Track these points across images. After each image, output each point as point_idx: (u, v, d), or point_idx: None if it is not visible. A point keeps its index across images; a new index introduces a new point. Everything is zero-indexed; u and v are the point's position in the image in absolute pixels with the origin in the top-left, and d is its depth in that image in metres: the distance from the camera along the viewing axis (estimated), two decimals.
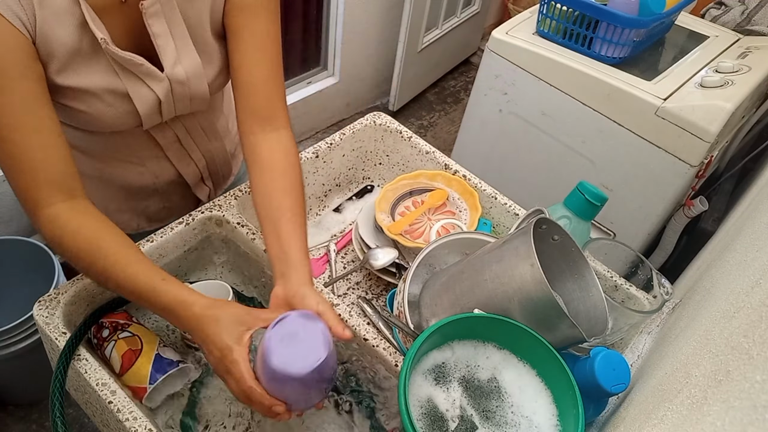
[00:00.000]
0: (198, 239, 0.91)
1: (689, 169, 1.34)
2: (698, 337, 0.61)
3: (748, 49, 1.47)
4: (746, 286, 0.59)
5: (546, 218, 0.74)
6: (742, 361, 0.43)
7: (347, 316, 0.80)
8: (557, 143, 1.56)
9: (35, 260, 1.45)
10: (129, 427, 0.66)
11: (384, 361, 0.77)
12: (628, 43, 1.38)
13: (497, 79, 1.60)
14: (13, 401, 1.60)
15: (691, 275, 1.05)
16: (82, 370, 0.70)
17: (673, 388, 0.55)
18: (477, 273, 0.74)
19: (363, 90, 2.71)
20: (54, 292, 0.77)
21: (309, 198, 1.10)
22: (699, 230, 1.49)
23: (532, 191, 1.66)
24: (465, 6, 2.87)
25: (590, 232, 0.90)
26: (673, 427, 0.46)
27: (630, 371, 0.68)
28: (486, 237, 0.86)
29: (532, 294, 0.67)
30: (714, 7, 1.74)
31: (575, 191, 0.87)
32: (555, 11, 1.45)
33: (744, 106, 1.34)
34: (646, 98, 1.33)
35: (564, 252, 0.78)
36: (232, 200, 0.93)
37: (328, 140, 1.08)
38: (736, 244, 0.84)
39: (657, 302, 0.84)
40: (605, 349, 0.69)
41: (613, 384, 0.66)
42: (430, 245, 0.84)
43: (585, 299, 0.77)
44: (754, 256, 0.67)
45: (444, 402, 0.67)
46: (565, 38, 1.47)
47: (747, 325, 0.48)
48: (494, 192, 1.04)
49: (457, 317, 0.68)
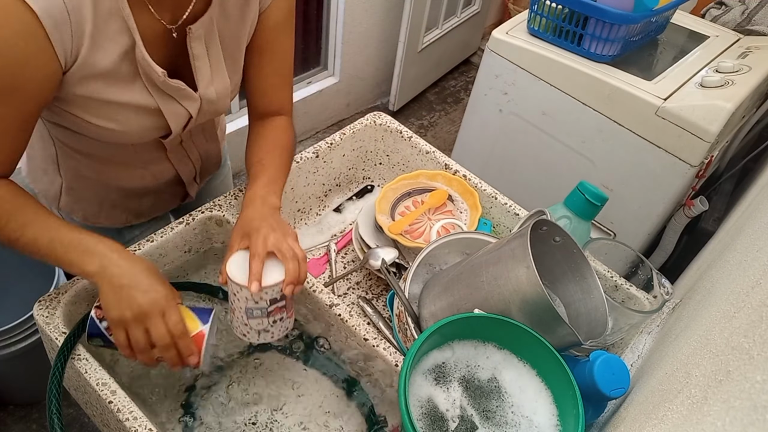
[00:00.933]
0: (198, 239, 0.91)
1: (689, 169, 1.34)
2: (698, 337, 0.61)
3: (749, 49, 1.47)
4: (746, 286, 0.59)
5: (547, 220, 0.74)
6: (742, 361, 0.43)
7: (347, 316, 0.80)
8: (557, 143, 1.56)
9: (36, 260, 1.45)
10: (129, 427, 0.66)
11: (384, 361, 0.77)
12: (617, 40, 1.37)
13: (497, 79, 1.60)
14: (13, 401, 1.60)
15: (692, 275, 1.05)
16: (82, 369, 0.70)
17: (674, 388, 0.55)
18: (475, 275, 0.74)
19: (363, 90, 2.71)
20: (54, 291, 0.78)
21: (309, 198, 1.10)
22: (699, 230, 1.49)
23: (532, 191, 1.66)
24: (465, 6, 2.87)
25: (590, 232, 0.90)
26: (674, 427, 0.46)
27: (630, 375, 0.68)
28: (486, 237, 0.86)
29: (527, 296, 0.67)
30: (714, 7, 1.74)
31: (575, 191, 0.87)
32: (545, 8, 1.45)
33: (744, 106, 1.34)
34: (647, 98, 1.33)
35: (566, 254, 0.78)
36: (232, 200, 0.93)
37: (329, 140, 1.08)
38: (737, 244, 0.84)
39: (657, 302, 0.84)
40: (605, 352, 0.68)
41: (612, 388, 0.66)
42: (430, 245, 0.84)
43: (586, 301, 0.77)
44: (754, 256, 0.67)
45: (444, 402, 0.67)
46: (555, 35, 1.46)
47: (747, 325, 0.48)
48: (494, 192, 1.04)
49: (457, 317, 0.68)
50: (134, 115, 0.76)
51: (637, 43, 1.46)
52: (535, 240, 0.76)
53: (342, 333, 0.82)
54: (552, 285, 0.82)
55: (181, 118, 0.81)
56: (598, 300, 0.75)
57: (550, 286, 0.82)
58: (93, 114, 0.73)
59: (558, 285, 0.81)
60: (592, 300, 0.76)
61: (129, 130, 0.77)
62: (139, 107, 0.75)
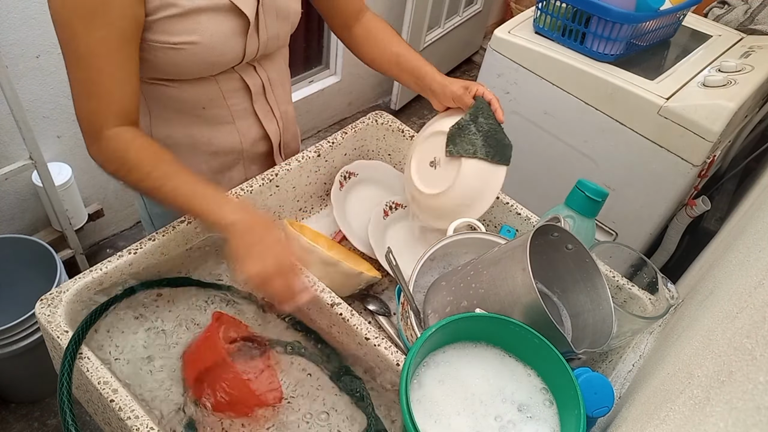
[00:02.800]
0: (200, 237, 0.91)
1: (692, 168, 1.34)
2: (701, 338, 0.61)
3: (751, 49, 1.46)
4: (749, 286, 0.59)
5: (558, 226, 0.73)
6: (745, 361, 0.43)
7: (348, 315, 0.80)
8: (559, 142, 1.55)
9: (37, 258, 1.45)
10: (131, 426, 0.66)
11: (385, 360, 0.77)
12: (620, 40, 1.36)
13: (499, 78, 1.59)
14: (15, 399, 1.60)
15: (694, 275, 1.05)
16: (83, 368, 0.71)
17: (676, 389, 0.55)
18: (476, 275, 0.74)
19: (365, 89, 2.71)
20: (56, 290, 0.77)
21: (311, 197, 1.10)
22: (701, 230, 1.49)
23: (534, 191, 1.66)
24: (467, 5, 2.86)
25: (595, 229, 0.89)
26: (676, 428, 0.46)
27: (614, 393, 0.67)
28: (503, 241, 0.86)
29: (522, 299, 0.67)
30: (717, 6, 1.73)
31: (575, 190, 0.86)
32: (551, 7, 1.45)
33: (747, 105, 1.33)
34: (649, 97, 1.33)
35: (578, 262, 0.77)
36: (233, 199, 0.93)
37: (330, 139, 1.07)
38: (739, 243, 0.84)
39: (661, 305, 0.84)
40: (588, 370, 0.68)
41: (595, 408, 0.65)
42: (437, 244, 0.84)
43: (595, 312, 0.76)
44: (756, 256, 0.67)
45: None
46: (561, 35, 1.46)
47: (750, 326, 0.48)
48: None
49: (459, 317, 0.68)
50: (211, 19, 0.81)
51: (645, 46, 1.46)
52: (547, 246, 0.76)
53: (343, 332, 0.82)
54: (563, 294, 0.82)
55: (250, 6, 0.84)
56: (606, 312, 0.75)
57: (560, 294, 0.82)
58: (174, 32, 0.79)
59: (569, 294, 0.81)
60: (600, 311, 0.75)
61: (211, 41, 0.82)
62: (215, 8, 0.80)
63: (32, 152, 1.45)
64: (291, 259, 0.77)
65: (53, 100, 1.61)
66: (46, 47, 1.51)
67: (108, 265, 0.81)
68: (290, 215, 1.07)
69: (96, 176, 1.86)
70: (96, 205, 1.89)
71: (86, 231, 1.89)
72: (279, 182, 1.00)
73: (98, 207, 1.89)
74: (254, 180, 0.97)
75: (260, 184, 0.97)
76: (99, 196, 1.92)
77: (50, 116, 1.63)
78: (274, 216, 1.03)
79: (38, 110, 1.59)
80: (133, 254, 0.83)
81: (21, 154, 1.51)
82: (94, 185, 1.88)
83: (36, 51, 1.50)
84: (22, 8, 1.42)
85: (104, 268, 0.81)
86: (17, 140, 1.52)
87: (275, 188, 1.00)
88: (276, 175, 0.99)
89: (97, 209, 1.88)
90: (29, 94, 1.54)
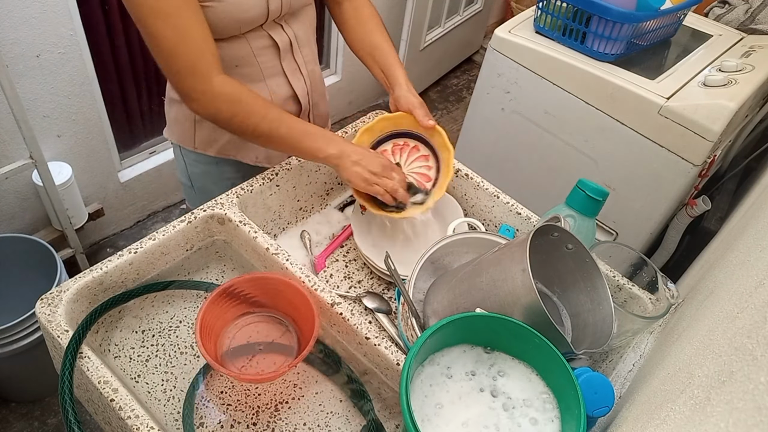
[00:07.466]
0: (200, 237, 0.91)
1: (692, 168, 1.34)
2: (701, 338, 0.61)
3: (752, 48, 1.46)
4: (750, 286, 0.59)
5: (558, 226, 0.73)
6: (745, 362, 0.43)
7: (348, 315, 0.80)
8: (560, 142, 1.55)
9: (37, 258, 1.45)
10: (131, 425, 0.66)
11: (386, 360, 0.77)
12: (621, 39, 1.36)
13: (500, 78, 1.59)
14: (15, 398, 1.60)
15: (694, 275, 1.05)
16: (84, 367, 0.71)
17: (676, 389, 0.55)
18: (476, 275, 0.74)
19: (365, 88, 2.71)
20: (56, 289, 0.77)
21: (311, 196, 1.10)
22: (702, 230, 1.49)
23: (535, 190, 1.66)
24: (468, 4, 2.86)
25: (595, 229, 0.89)
26: (676, 428, 0.46)
27: (614, 392, 0.66)
28: (501, 240, 0.86)
29: (522, 299, 0.67)
30: (718, 6, 1.73)
31: (575, 189, 0.86)
32: (552, 7, 1.45)
33: (747, 105, 1.33)
34: (650, 97, 1.33)
35: (579, 262, 0.77)
36: (234, 198, 0.93)
37: None
38: (739, 243, 0.84)
39: (661, 305, 0.84)
40: (588, 370, 0.67)
41: (595, 408, 0.65)
42: (437, 244, 0.84)
43: (595, 312, 0.76)
44: (757, 256, 0.67)
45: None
46: (561, 34, 1.46)
47: (751, 326, 0.48)
48: (496, 191, 1.04)
49: (459, 317, 0.68)
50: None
51: (646, 46, 1.45)
52: (547, 246, 0.76)
53: (343, 332, 0.82)
54: (563, 293, 0.82)
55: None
56: (606, 312, 0.74)
57: (560, 294, 0.82)
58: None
59: (569, 294, 0.81)
60: (600, 311, 0.75)
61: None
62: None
63: (32, 151, 1.45)
64: (390, 162, 0.94)
65: (53, 99, 1.60)
66: (46, 46, 1.51)
67: (108, 265, 0.81)
68: (290, 215, 1.07)
69: (96, 176, 1.86)
70: (96, 205, 1.89)
71: (86, 230, 1.89)
72: (279, 182, 1.00)
73: (98, 206, 1.89)
74: (254, 180, 0.97)
75: (260, 183, 0.97)
76: (99, 195, 1.92)
77: (50, 115, 1.63)
78: (274, 215, 1.03)
79: (38, 109, 1.59)
80: (134, 254, 0.83)
81: (21, 154, 1.52)
82: (94, 185, 1.88)
83: (36, 50, 1.50)
84: (22, 8, 1.42)
85: (104, 267, 0.81)
86: (17, 139, 1.52)
87: (275, 188, 1.00)
88: (276, 174, 0.99)
89: (97, 208, 1.88)
90: (29, 94, 1.54)
